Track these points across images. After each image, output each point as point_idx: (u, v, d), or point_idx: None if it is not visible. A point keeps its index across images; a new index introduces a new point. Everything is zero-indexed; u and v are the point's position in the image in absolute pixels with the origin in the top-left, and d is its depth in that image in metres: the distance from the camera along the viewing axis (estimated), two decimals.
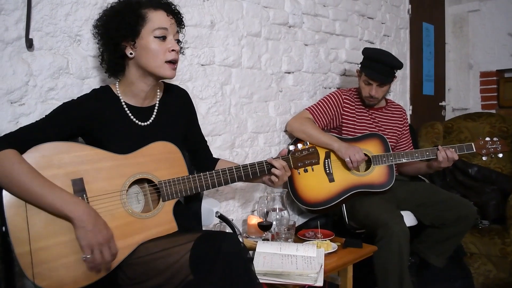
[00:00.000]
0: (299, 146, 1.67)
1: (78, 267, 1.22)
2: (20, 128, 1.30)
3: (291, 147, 1.67)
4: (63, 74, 1.56)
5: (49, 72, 1.52)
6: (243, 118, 2.23)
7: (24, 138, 1.25)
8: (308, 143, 1.69)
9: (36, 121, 1.34)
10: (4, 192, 1.19)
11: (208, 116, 2.06)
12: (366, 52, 2.34)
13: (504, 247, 2.60)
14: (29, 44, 1.45)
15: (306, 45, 2.59)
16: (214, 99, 2.08)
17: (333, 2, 2.79)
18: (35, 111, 1.48)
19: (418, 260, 2.33)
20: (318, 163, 1.67)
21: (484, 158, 2.22)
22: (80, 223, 1.20)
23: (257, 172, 1.58)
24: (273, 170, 1.59)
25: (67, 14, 1.56)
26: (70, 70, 1.58)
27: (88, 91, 1.49)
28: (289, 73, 2.50)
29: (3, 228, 1.18)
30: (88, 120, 1.38)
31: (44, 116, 1.35)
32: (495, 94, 4.11)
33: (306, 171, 1.68)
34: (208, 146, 1.75)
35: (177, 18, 1.46)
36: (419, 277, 2.34)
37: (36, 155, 1.24)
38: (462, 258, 2.54)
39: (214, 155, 1.78)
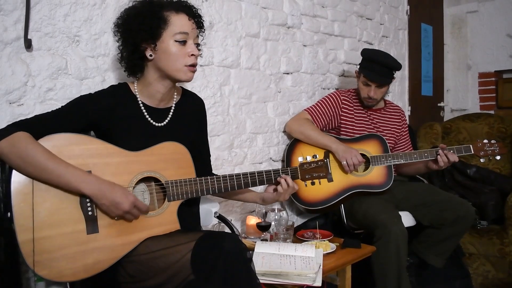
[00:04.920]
0: (308, 158, 1.68)
1: (78, 260, 1.24)
2: (35, 116, 1.32)
3: (300, 159, 1.67)
4: (61, 74, 1.56)
5: (47, 73, 1.52)
6: (241, 119, 2.23)
7: (37, 126, 1.27)
8: (318, 156, 1.69)
9: (52, 110, 1.35)
10: (13, 178, 1.21)
11: (207, 117, 2.05)
12: (365, 53, 2.35)
13: (502, 247, 2.61)
14: (28, 44, 1.45)
15: (304, 46, 2.59)
16: (213, 99, 2.08)
17: (332, 3, 2.79)
18: (33, 111, 1.48)
19: (417, 261, 2.33)
20: (326, 177, 1.66)
21: (482, 160, 2.23)
22: (97, 201, 1.26)
23: (264, 181, 1.58)
24: (278, 187, 1.59)
25: (66, 15, 1.56)
26: (69, 70, 1.58)
27: (86, 91, 1.50)
28: (287, 73, 2.50)
29: (8, 214, 1.20)
30: (102, 116, 1.39)
31: (60, 107, 1.37)
32: (494, 95, 4.13)
33: (313, 183, 1.67)
34: (210, 161, 1.74)
35: (198, 22, 1.46)
36: (418, 277, 2.34)
37: (48, 145, 1.25)
38: (460, 258, 2.54)
39: (213, 156, 1.78)
